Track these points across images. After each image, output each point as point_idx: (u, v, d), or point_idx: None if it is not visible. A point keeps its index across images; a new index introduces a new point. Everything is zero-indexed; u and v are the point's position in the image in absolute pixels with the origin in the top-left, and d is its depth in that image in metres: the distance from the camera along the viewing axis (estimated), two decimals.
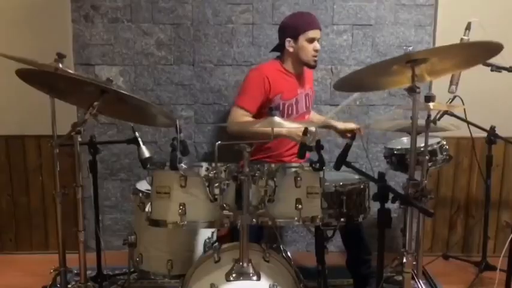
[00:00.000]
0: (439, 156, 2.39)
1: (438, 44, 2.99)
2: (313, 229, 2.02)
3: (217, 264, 1.75)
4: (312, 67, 2.57)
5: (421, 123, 2.06)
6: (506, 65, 2.18)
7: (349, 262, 2.49)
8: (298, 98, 2.58)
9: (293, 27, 2.50)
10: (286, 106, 2.52)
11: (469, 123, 2.53)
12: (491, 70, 2.20)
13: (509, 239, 2.11)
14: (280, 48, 2.58)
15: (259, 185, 1.69)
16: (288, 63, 2.56)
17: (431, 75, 1.77)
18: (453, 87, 2.29)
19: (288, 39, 2.50)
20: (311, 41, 2.47)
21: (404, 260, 1.63)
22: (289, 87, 2.54)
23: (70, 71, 2.24)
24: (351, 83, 1.87)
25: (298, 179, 1.67)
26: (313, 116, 2.83)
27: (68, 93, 1.95)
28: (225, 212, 1.68)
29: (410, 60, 1.56)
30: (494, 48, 1.52)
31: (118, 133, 3.08)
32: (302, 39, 2.46)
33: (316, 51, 2.50)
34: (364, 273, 2.42)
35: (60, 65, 2.11)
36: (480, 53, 1.69)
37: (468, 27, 2.22)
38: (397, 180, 3.07)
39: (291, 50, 2.50)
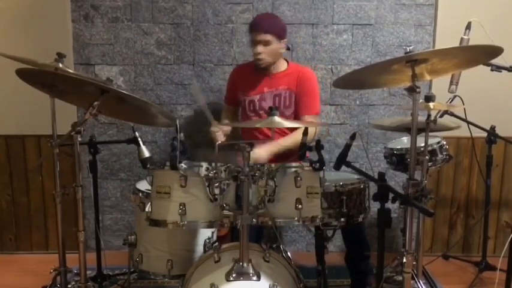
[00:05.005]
0: (439, 156, 2.39)
1: (438, 43, 2.99)
2: (313, 229, 2.02)
3: (217, 264, 1.75)
4: (259, 69, 2.57)
5: (421, 122, 2.06)
6: (506, 64, 2.17)
7: (348, 258, 2.49)
8: (265, 95, 2.60)
9: None
10: (247, 102, 2.64)
11: (469, 123, 2.53)
12: (491, 70, 2.20)
13: (509, 239, 2.11)
14: None
15: (259, 185, 1.69)
16: None
17: (431, 75, 1.77)
18: (453, 87, 2.28)
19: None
20: (253, 43, 2.51)
21: (404, 260, 1.63)
22: (253, 85, 2.62)
23: (70, 70, 2.24)
24: (350, 81, 1.87)
25: (298, 179, 1.67)
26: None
27: (68, 93, 1.95)
28: (225, 212, 1.68)
29: (411, 60, 1.56)
30: (495, 51, 1.52)
31: (118, 133, 3.09)
32: (250, 42, 2.57)
33: (255, 54, 2.50)
34: (363, 269, 2.42)
35: (60, 65, 2.11)
36: (481, 55, 1.69)
37: (468, 26, 2.22)
38: (397, 180, 3.08)
39: None
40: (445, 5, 2.96)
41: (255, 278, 1.66)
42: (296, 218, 1.68)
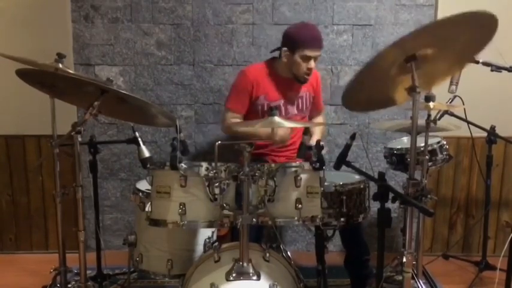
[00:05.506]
0: (439, 156, 2.40)
1: None
2: (313, 229, 2.02)
3: (217, 264, 1.75)
4: (301, 83, 2.53)
5: (421, 123, 2.06)
6: (506, 65, 2.18)
7: (347, 262, 2.50)
8: (289, 99, 2.58)
9: (293, 40, 2.43)
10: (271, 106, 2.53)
11: (469, 123, 2.53)
12: (491, 70, 2.20)
13: (509, 239, 2.11)
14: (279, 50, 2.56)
15: (259, 184, 1.69)
16: (281, 68, 2.54)
17: (434, 80, 1.75)
18: (453, 87, 2.29)
19: (285, 48, 2.46)
20: (306, 59, 2.41)
21: (404, 260, 1.62)
22: (276, 89, 2.54)
23: (70, 71, 2.25)
24: (358, 101, 1.79)
25: (298, 178, 1.68)
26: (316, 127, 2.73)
27: (68, 93, 1.95)
28: (225, 212, 1.68)
29: (410, 59, 1.55)
30: (489, 20, 1.50)
31: (118, 133, 3.09)
32: (297, 55, 2.40)
33: (309, 69, 2.44)
34: (363, 273, 2.42)
35: (60, 65, 2.11)
36: (475, 30, 1.63)
37: None
38: (397, 180, 3.08)
39: (284, 60, 2.47)
40: (445, 5, 2.96)
41: (255, 277, 1.66)
42: (296, 218, 1.68)
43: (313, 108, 2.73)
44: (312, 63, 2.43)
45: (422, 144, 2.16)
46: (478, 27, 1.57)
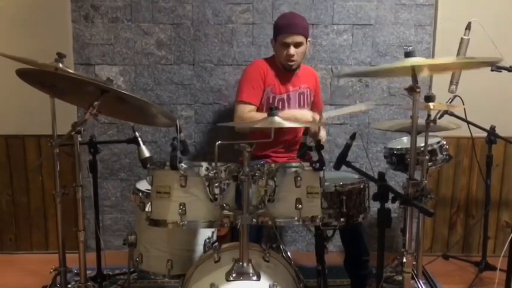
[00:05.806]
0: (439, 156, 2.39)
1: (438, 44, 2.99)
2: (313, 229, 2.02)
3: (217, 264, 1.75)
4: (287, 70, 2.54)
5: (421, 122, 2.06)
6: (506, 65, 2.17)
7: (347, 262, 2.50)
8: (291, 94, 2.59)
9: (274, 29, 2.53)
10: (276, 100, 2.55)
11: (469, 123, 2.53)
12: (491, 70, 2.20)
13: (509, 239, 2.11)
14: None
15: (259, 184, 1.69)
16: (277, 60, 2.58)
17: (431, 72, 1.76)
18: (453, 87, 2.29)
19: (271, 39, 2.56)
20: (285, 45, 2.44)
21: (404, 260, 1.63)
22: (281, 82, 2.56)
23: (70, 70, 2.24)
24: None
25: (298, 178, 1.68)
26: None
27: (68, 93, 1.95)
28: (225, 212, 1.68)
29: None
30: (494, 62, 1.52)
31: (118, 133, 3.09)
32: (277, 42, 2.48)
33: (288, 55, 2.45)
34: (362, 274, 2.43)
35: (60, 65, 2.11)
36: (480, 63, 1.67)
37: (468, 27, 2.22)
38: (397, 180, 3.08)
39: (272, 49, 2.58)
40: (445, 5, 2.96)
41: (255, 278, 1.66)
42: (296, 218, 1.68)
43: (313, 108, 2.73)
44: (292, 50, 2.44)
45: (422, 144, 2.16)
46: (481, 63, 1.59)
